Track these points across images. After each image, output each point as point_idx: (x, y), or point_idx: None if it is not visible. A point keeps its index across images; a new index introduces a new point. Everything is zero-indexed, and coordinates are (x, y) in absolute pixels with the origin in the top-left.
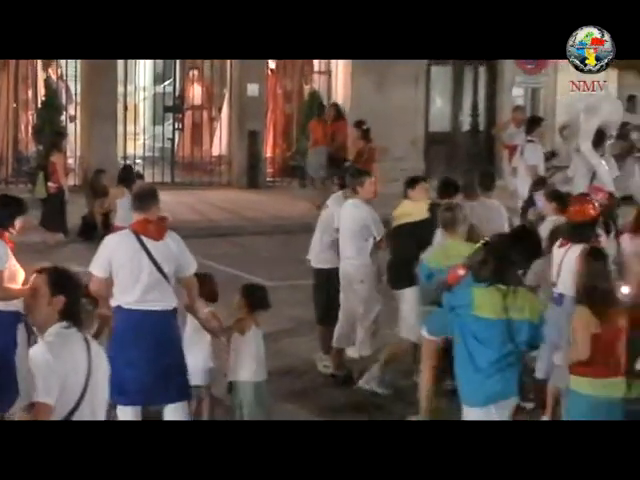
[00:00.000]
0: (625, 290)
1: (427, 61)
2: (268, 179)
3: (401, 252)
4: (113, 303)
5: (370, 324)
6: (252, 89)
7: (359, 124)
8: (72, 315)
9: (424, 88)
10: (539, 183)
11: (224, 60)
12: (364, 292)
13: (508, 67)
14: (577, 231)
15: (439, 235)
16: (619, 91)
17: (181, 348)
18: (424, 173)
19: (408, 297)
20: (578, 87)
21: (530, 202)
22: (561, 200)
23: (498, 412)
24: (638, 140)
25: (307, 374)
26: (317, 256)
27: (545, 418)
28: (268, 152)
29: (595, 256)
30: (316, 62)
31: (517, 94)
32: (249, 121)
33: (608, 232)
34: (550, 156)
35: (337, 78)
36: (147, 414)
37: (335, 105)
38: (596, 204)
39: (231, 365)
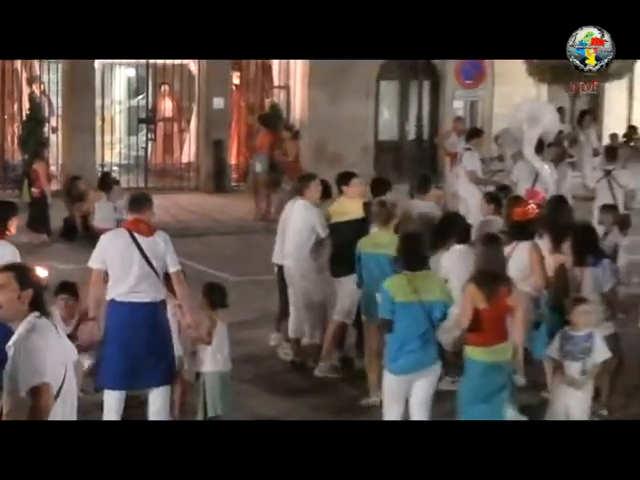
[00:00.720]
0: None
1: (377, 76)
2: (233, 184)
3: (340, 246)
4: (107, 297)
5: (314, 315)
6: (218, 102)
7: (289, 127)
8: (40, 306)
9: (374, 101)
10: (502, 189)
11: (192, 76)
12: (305, 286)
13: (449, 82)
14: (520, 230)
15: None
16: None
17: (169, 337)
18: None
19: (345, 284)
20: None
21: None
22: (498, 202)
23: (423, 377)
24: (569, 147)
25: (268, 360)
26: (277, 253)
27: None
28: (233, 159)
29: (489, 242)
30: (276, 77)
31: (458, 106)
32: (215, 131)
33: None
34: (498, 160)
35: (295, 92)
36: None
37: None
38: (534, 205)
39: (199, 357)
